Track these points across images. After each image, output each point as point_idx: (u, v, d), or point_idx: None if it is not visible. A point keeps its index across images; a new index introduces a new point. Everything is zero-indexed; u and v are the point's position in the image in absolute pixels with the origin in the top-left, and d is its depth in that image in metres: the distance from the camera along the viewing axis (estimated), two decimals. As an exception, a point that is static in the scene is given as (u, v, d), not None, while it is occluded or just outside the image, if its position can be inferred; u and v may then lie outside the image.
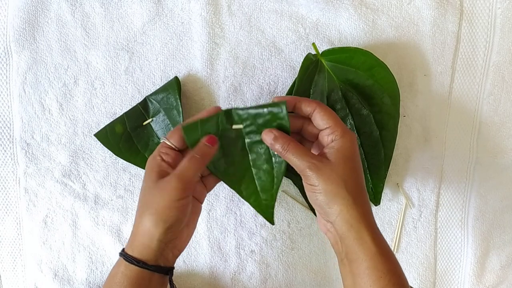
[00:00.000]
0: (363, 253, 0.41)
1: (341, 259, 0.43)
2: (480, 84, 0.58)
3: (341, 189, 0.42)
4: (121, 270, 0.43)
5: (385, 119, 0.54)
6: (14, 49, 0.58)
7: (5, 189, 0.61)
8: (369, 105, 0.54)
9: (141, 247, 0.43)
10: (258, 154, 0.48)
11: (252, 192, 0.48)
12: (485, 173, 0.59)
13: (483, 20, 0.56)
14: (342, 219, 0.42)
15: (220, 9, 0.57)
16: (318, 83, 0.54)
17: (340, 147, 0.43)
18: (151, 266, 0.43)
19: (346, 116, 0.54)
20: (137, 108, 0.57)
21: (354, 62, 0.53)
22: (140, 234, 0.43)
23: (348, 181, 0.42)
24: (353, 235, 0.42)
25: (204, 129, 0.46)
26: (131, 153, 0.57)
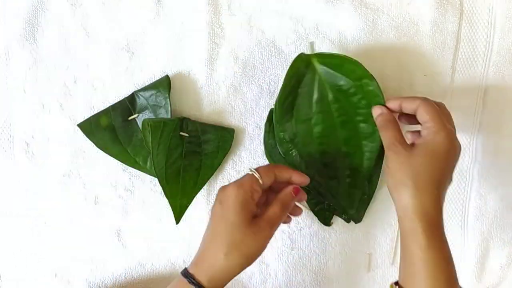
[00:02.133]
0: (415, 245, 0.43)
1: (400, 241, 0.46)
2: (480, 84, 0.58)
3: (408, 179, 0.43)
4: None
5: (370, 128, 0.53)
6: (14, 49, 0.58)
7: (5, 189, 0.61)
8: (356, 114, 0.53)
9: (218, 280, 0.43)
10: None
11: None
12: (485, 173, 0.59)
13: (483, 20, 0.56)
14: (400, 206, 0.44)
15: (220, 9, 0.57)
16: (307, 83, 0.53)
17: (429, 140, 0.45)
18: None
19: None
20: (123, 102, 0.57)
21: (344, 69, 0.52)
22: (225, 269, 0.43)
23: (419, 174, 0.43)
24: (407, 225, 0.43)
25: None
26: (114, 147, 0.57)
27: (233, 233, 0.43)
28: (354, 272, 0.61)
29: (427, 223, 0.42)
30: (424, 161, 0.44)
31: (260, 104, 0.58)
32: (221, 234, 0.44)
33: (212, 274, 0.43)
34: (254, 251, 0.43)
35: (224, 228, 0.44)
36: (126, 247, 0.61)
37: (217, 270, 0.43)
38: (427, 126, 0.45)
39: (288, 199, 0.46)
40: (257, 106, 0.58)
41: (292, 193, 0.46)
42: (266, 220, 0.44)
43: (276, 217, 0.45)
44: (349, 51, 0.57)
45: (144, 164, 0.57)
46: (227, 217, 0.44)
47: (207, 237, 0.45)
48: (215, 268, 0.43)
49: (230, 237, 0.43)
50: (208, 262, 0.44)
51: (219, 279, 0.43)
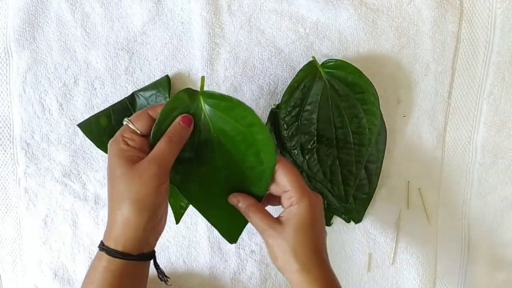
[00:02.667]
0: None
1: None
2: (480, 84, 0.58)
3: (291, 258, 0.43)
4: (103, 264, 0.42)
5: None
6: (14, 49, 0.58)
7: (5, 189, 0.61)
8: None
9: (123, 238, 0.41)
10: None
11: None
12: (485, 173, 0.59)
13: (483, 20, 0.56)
14: (294, 283, 0.43)
15: (220, 9, 0.57)
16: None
17: (294, 214, 0.43)
18: (135, 256, 0.42)
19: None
20: (124, 102, 0.57)
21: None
22: (121, 225, 0.41)
23: (298, 250, 0.43)
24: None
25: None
26: None
27: (119, 186, 0.41)
28: (354, 272, 0.61)
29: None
30: (296, 236, 0.43)
31: (260, 104, 0.58)
32: (111, 192, 0.42)
33: (116, 234, 0.41)
34: (144, 194, 0.41)
35: (112, 185, 0.42)
36: (126, 247, 0.61)
37: (117, 228, 0.41)
38: (290, 196, 0.44)
39: (174, 130, 0.43)
40: (257, 106, 0.58)
41: (180, 122, 0.44)
42: (149, 159, 0.41)
43: (161, 151, 0.42)
44: (349, 51, 0.57)
45: (144, 164, 0.57)
46: (110, 174, 0.42)
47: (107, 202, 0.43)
48: (115, 227, 0.41)
49: (117, 191, 0.41)
50: (109, 224, 0.42)
51: (124, 236, 0.41)
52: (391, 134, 0.58)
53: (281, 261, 0.44)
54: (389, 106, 0.58)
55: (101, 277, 0.41)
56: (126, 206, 0.41)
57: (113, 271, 0.41)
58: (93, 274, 0.42)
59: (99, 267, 0.42)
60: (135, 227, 0.41)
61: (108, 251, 0.41)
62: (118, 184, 0.41)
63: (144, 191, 0.41)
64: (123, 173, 0.41)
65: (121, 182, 0.41)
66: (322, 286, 0.43)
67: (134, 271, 0.43)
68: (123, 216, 0.41)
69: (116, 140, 0.43)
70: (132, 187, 0.41)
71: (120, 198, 0.41)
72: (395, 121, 0.58)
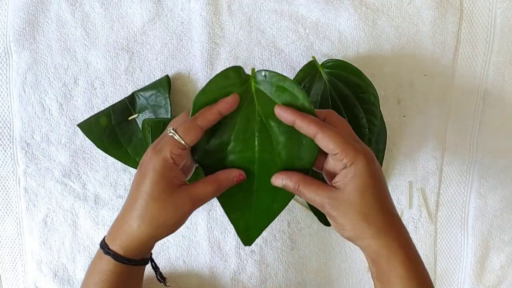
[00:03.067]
0: (394, 277, 0.40)
1: (374, 276, 0.42)
2: (480, 84, 0.58)
3: (363, 223, 0.39)
4: (108, 268, 0.42)
5: None
6: (14, 49, 0.58)
7: (5, 189, 0.61)
8: None
9: (134, 248, 0.41)
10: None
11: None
12: (485, 173, 0.59)
13: (483, 20, 0.56)
14: (370, 250, 0.40)
15: (220, 9, 0.57)
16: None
17: (353, 175, 0.39)
18: (139, 260, 0.43)
19: None
20: (123, 102, 0.57)
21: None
22: (136, 238, 0.41)
23: (369, 213, 0.39)
24: (383, 262, 0.40)
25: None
26: (114, 147, 0.57)
27: (149, 206, 0.40)
28: (354, 272, 0.61)
29: (403, 254, 0.40)
30: (363, 199, 0.39)
31: (260, 104, 0.58)
32: (137, 205, 0.40)
33: (127, 242, 0.41)
34: (171, 224, 0.41)
35: (140, 199, 0.40)
36: (126, 247, 0.61)
37: (130, 239, 0.41)
38: (341, 158, 0.39)
39: (227, 183, 0.42)
40: (257, 106, 0.58)
41: (235, 179, 0.43)
42: (191, 196, 0.41)
43: (205, 194, 0.41)
44: (349, 51, 0.57)
45: (144, 164, 0.57)
46: (144, 188, 0.40)
47: (125, 205, 0.42)
48: (128, 238, 0.41)
49: (145, 210, 0.40)
50: (122, 230, 0.41)
51: (134, 248, 0.41)
52: (391, 134, 0.58)
53: (351, 230, 0.40)
54: (389, 106, 0.58)
55: (106, 279, 0.42)
56: (148, 227, 0.40)
57: (118, 274, 0.42)
58: (97, 276, 0.43)
59: (104, 270, 0.42)
60: (149, 244, 0.42)
61: (114, 256, 0.42)
62: (148, 204, 0.40)
63: (172, 220, 0.41)
64: (159, 197, 0.40)
65: (153, 203, 0.40)
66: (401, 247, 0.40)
67: (135, 272, 0.44)
68: (141, 233, 0.41)
69: (162, 154, 0.40)
70: (163, 214, 0.40)
71: (145, 217, 0.40)
72: (395, 121, 0.58)
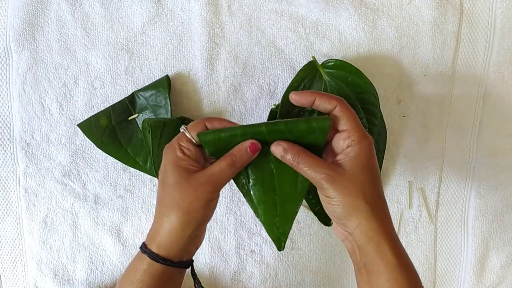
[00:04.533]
0: (383, 266, 0.40)
1: (358, 269, 0.42)
2: (480, 84, 0.58)
3: (360, 200, 0.40)
4: (143, 267, 0.42)
5: None
6: (14, 49, 0.58)
7: (5, 189, 0.61)
8: None
9: (168, 245, 0.42)
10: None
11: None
12: (485, 173, 0.59)
13: (483, 20, 0.56)
14: (361, 231, 0.40)
15: (220, 9, 0.57)
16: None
17: (357, 154, 0.41)
18: (176, 262, 0.42)
19: None
20: (123, 102, 0.57)
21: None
22: (168, 231, 0.41)
23: (367, 192, 0.40)
24: (373, 247, 0.40)
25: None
26: (114, 147, 0.57)
27: (171, 194, 0.42)
28: (354, 272, 0.61)
29: (393, 243, 0.40)
30: (363, 176, 0.40)
31: (260, 104, 0.58)
32: (162, 198, 0.42)
33: (161, 239, 0.42)
34: (196, 207, 0.41)
35: (163, 191, 0.42)
36: (126, 247, 0.61)
37: (163, 235, 0.42)
38: (348, 136, 0.41)
39: (240, 155, 0.42)
40: (257, 106, 0.58)
41: (247, 149, 0.42)
42: (208, 175, 0.41)
43: (221, 172, 0.42)
44: (349, 51, 0.57)
45: (144, 164, 0.57)
46: (164, 180, 0.42)
47: (155, 205, 0.44)
48: (162, 234, 0.42)
49: (168, 198, 0.42)
50: (155, 228, 0.43)
51: (169, 243, 0.42)
52: (391, 134, 0.58)
53: (346, 206, 0.40)
54: (389, 106, 0.58)
55: (140, 279, 0.42)
56: (175, 215, 0.41)
57: (153, 274, 0.42)
58: (132, 275, 0.43)
59: (140, 269, 0.42)
60: (180, 236, 0.42)
61: (150, 254, 0.42)
62: (171, 191, 0.42)
63: (196, 204, 0.41)
64: (178, 182, 0.41)
65: (174, 189, 0.41)
66: (390, 234, 0.40)
67: (172, 277, 0.43)
68: (170, 224, 0.41)
69: (172, 147, 0.43)
70: (185, 197, 0.41)
71: (171, 205, 0.41)
72: (395, 121, 0.58)
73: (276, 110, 0.55)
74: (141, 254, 0.43)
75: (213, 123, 0.44)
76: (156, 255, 0.42)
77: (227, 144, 0.43)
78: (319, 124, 0.42)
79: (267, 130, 0.43)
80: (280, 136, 0.43)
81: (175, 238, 0.42)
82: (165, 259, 0.42)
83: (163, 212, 0.42)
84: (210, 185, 0.41)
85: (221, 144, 0.43)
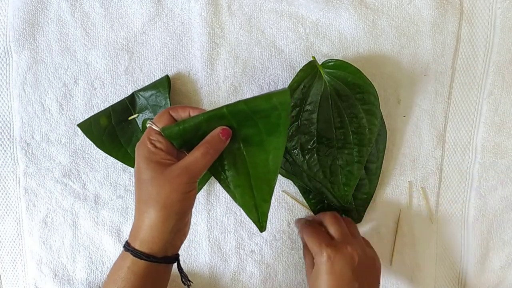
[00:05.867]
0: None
1: None
2: (480, 84, 0.58)
3: None
4: (127, 265, 0.42)
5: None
6: (14, 49, 0.58)
7: (5, 189, 0.61)
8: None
9: (149, 241, 0.41)
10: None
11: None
12: (485, 173, 0.59)
13: (483, 20, 0.56)
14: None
15: (220, 9, 0.57)
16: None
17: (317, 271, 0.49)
18: (160, 258, 0.42)
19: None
20: (124, 102, 0.57)
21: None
22: (148, 227, 0.41)
23: None
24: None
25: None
26: (114, 147, 0.57)
27: (148, 189, 0.41)
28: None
29: None
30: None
31: (260, 104, 0.58)
32: (139, 195, 0.42)
33: (142, 235, 0.41)
34: (173, 200, 0.40)
35: (139, 187, 0.42)
36: (126, 247, 0.61)
37: (145, 231, 0.41)
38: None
39: (214, 142, 0.42)
40: (257, 106, 0.58)
41: (219, 135, 0.42)
42: (182, 166, 0.41)
43: (196, 162, 0.41)
44: (349, 51, 0.57)
45: (144, 164, 0.57)
46: (140, 177, 0.42)
47: (135, 203, 0.43)
48: (143, 230, 0.41)
49: (145, 194, 0.41)
50: (136, 225, 0.42)
51: (151, 238, 0.41)
52: (391, 134, 0.58)
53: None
54: (389, 106, 0.58)
55: (124, 277, 0.42)
56: (153, 210, 0.41)
57: (137, 272, 0.42)
58: (116, 274, 0.43)
59: (123, 267, 0.42)
60: (161, 230, 0.41)
61: (133, 252, 0.42)
62: (147, 187, 0.41)
63: (173, 197, 0.40)
64: (153, 176, 0.41)
65: (150, 185, 0.41)
66: None
67: (157, 273, 0.43)
68: (150, 220, 0.41)
69: (143, 143, 0.43)
70: (161, 191, 0.40)
71: (148, 201, 0.41)
72: (395, 121, 0.58)
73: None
74: (125, 253, 0.43)
75: (177, 111, 0.44)
76: (139, 252, 0.41)
77: (193, 134, 0.43)
78: (279, 98, 0.41)
79: (229, 111, 0.42)
80: (244, 117, 0.43)
81: (157, 233, 0.41)
82: (148, 255, 0.41)
83: (141, 209, 0.42)
84: (185, 176, 0.41)
85: (187, 135, 0.43)
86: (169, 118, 0.43)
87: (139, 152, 0.43)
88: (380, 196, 0.60)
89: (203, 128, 0.43)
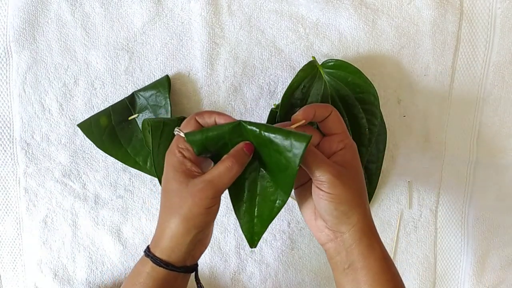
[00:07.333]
0: (374, 259, 0.41)
1: (343, 269, 0.42)
2: (480, 84, 0.58)
3: (359, 198, 0.42)
4: (146, 270, 0.42)
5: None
6: (14, 49, 0.58)
7: (5, 189, 0.61)
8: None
9: (169, 250, 0.42)
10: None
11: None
12: (485, 173, 0.59)
13: (483, 20, 0.56)
14: (358, 228, 0.41)
15: (220, 9, 0.57)
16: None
17: (351, 155, 0.43)
18: (179, 267, 0.42)
19: None
20: (123, 102, 0.57)
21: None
22: (169, 237, 0.42)
23: (362, 190, 0.43)
24: (366, 243, 0.41)
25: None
26: (114, 147, 0.57)
27: (172, 199, 0.42)
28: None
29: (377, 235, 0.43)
30: (358, 176, 0.43)
31: (260, 104, 0.58)
32: (164, 203, 0.43)
33: (163, 244, 0.42)
34: (195, 214, 0.40)
35: (165, 196, 0.43)
36: (126, 247, 0.61)
37: (165, 239, 0.42)
38: (341, 139, 0.43)
39: (238, 156, 0.42)
40: (257, 106, 0.58)
41: (243, 149, 0.42)
42: (206, 180, 0.41)
43: (220, 176, 0.41)
44: (349, 51, 0.57)
45: (144, 164, 0.57)
46: (166, 186, 0.43)
47: (159, 209, 0.44)
48: (165, 239, 0.42)
49: (169, 204, 0.42)
50: (158, 233, 0.43)
51: (170, 248, 0.42)
52: (391, 134, 0.58)
53: (350, 201, 0.41)
54: (389, 106, 0.58)
55: (143, 282, 0.42)
56: (175, 221, 0.41)
57: (156, 278, 0.42)
58: (135, 278, 0.43)
59: (143, 272, 0.43)
60: (181, 241, 0.42)
61: (153, 258, 0.42)
62: (171, 198, 0.42)
63: (195, 211, 0.41)
64: (178, 188, 0.41)
65: (174, 196, 0.41)
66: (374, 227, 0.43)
67: (175, 281, 0.43)
68: (171, 230, 0.41)
69: (172, 152, 0.43)
70: (184, 204, 0.41)
71: (171, 211, 0.42)
72: (395, 121, 0.58)
73: (276, 110, 0.55)
74: (145, 258, 0.43)
75: (203, 117, 0.44)
76: (158, 259, 0.42)
77: (214, 143, 0.43)
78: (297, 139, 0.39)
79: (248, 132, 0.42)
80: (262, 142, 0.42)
81: (176, 243, 0.42)
82: (168, 263, 0.42)
83: (164, 217, 0.43)
84: (209, 190, 0.40)
85: (208, 143, 0.43)
86: (195, 124, 0.44)
87: (168, 161, 0.43)
88: (380, 196, 0.60)
89: (225, 139, 0.43)
